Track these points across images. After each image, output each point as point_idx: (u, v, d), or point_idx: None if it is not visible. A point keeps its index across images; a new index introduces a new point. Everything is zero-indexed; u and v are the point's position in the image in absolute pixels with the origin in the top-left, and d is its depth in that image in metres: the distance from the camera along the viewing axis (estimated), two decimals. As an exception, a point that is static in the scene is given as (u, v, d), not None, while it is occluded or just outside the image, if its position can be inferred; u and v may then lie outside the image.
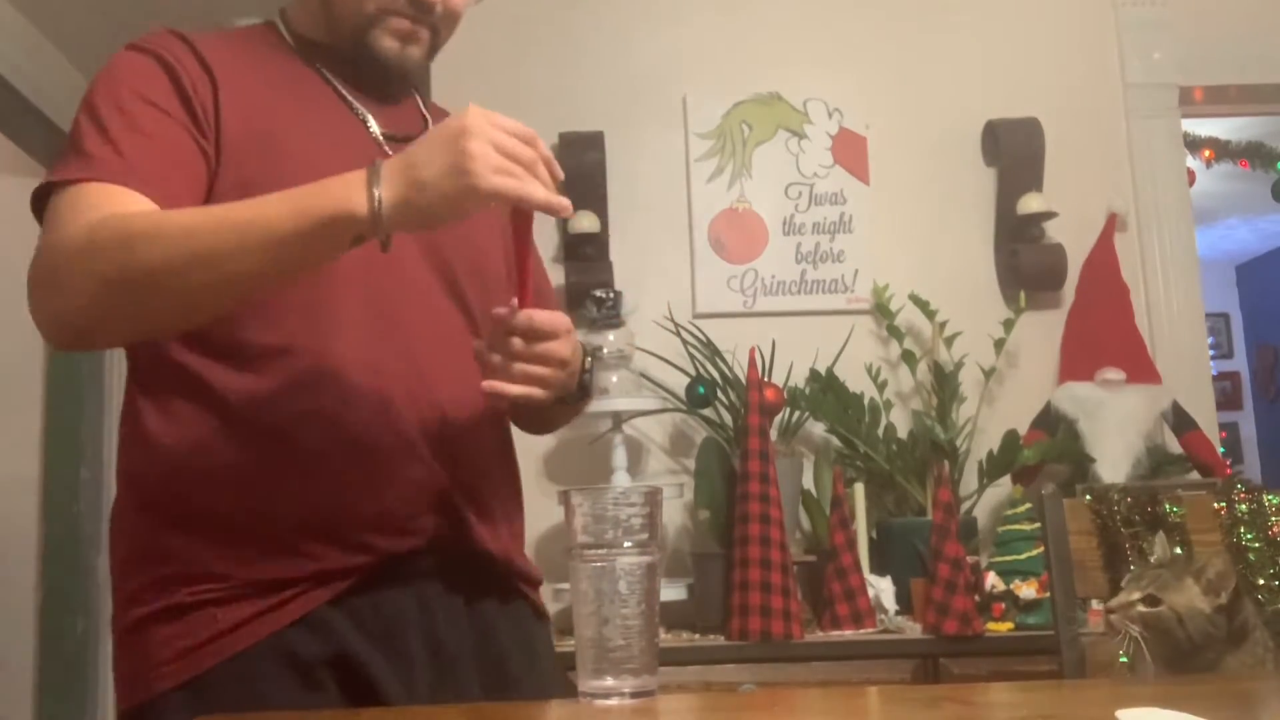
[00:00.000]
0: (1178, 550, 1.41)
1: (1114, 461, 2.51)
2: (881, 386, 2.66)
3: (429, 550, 1.12)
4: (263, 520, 1.07)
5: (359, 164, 0.99)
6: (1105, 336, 2.71)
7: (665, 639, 2.22)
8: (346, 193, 0.96)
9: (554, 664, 1.25)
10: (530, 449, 2.48)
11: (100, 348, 1.14)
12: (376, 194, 0.95)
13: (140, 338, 1.11)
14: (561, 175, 1.02)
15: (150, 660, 1.05)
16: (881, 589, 2.36)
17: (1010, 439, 2.52)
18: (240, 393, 1.08)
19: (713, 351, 2.57)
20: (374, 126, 1.20)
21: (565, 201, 0.99)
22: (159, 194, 1.05)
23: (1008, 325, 2.65)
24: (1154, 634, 1.19)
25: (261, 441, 1.07)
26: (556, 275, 2.69)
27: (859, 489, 2.47)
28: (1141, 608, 1.20)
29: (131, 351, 1.15)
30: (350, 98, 1.21)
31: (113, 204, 1.03)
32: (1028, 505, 2.37)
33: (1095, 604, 1.81)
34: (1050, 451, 2.56)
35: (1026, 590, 2.24)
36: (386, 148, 1.18)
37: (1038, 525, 2.23)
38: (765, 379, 2.57)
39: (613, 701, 0.92)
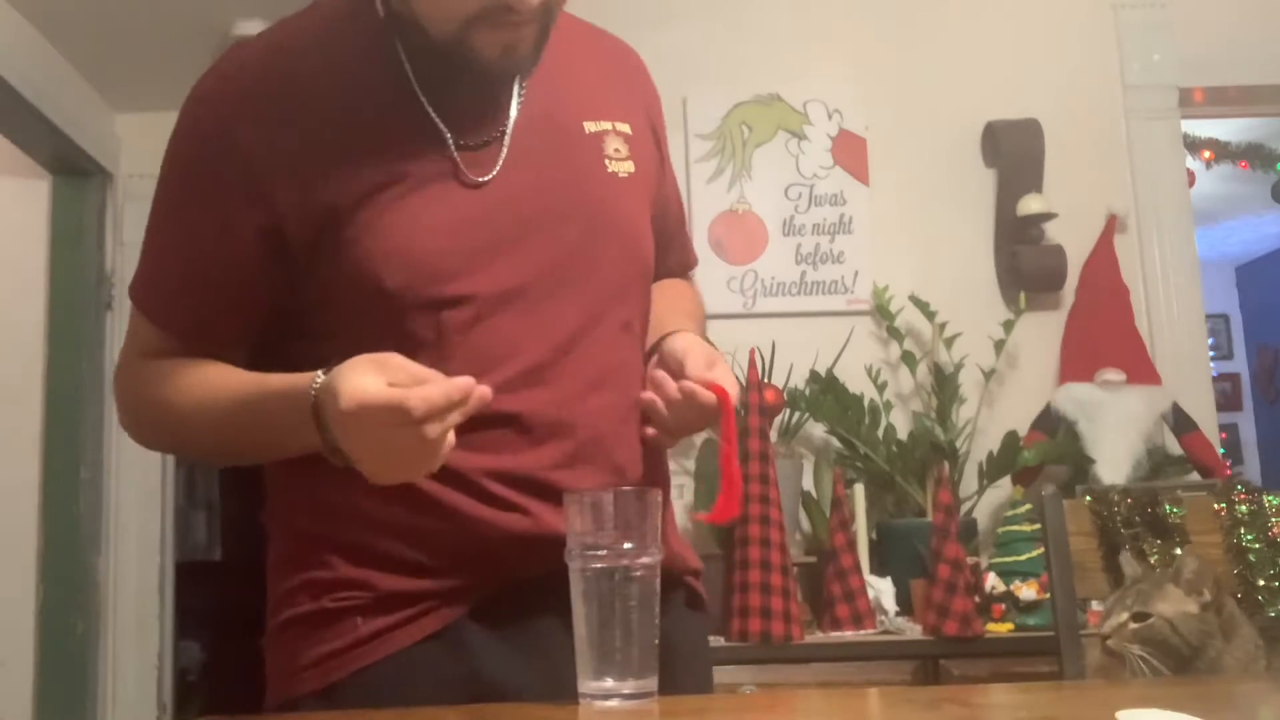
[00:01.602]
0: (1148, 560, 1.42)
1: (1114, 463, 2.51)
2: (881, 388, 2.66)
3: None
4: (404, 535, 1.05)
5: (451, 242, 1.03)
6: (1105, 337, 2.71)
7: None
8: (310, 438, 0.98)
9: (709, 656, 1.24)
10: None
11: None
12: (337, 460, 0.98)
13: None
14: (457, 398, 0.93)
15: (293, 663, 1.06)
16: (881, 590, 2.35)
17: (1010, 440, 2.52)
18: None
19: (713, 352, 2.57)
20: (450, 140, 1.07)
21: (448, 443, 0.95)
22: (191, 332, 1.10)
23: (1008, 326, 2.65)
24: (1152, 647, 1.19)
25: None
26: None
27: (859, 490, 2.47)
28: (1133, 625, 1.20)
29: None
30: (428, 102, 1.07)
31: (148, 364, 1.11)
32: (1028, 506, 2.37)
33: (1095, 605, 1.81)
34: (1050, 453, 2.56)
35: (1027, 591, 2.24)
36: (464, 170, 1.07)
37: (1038, 526, 2.23)
38: (765, 380, 2.57)
39: (612, 703, 0.92)
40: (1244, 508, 1.49)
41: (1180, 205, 2.91)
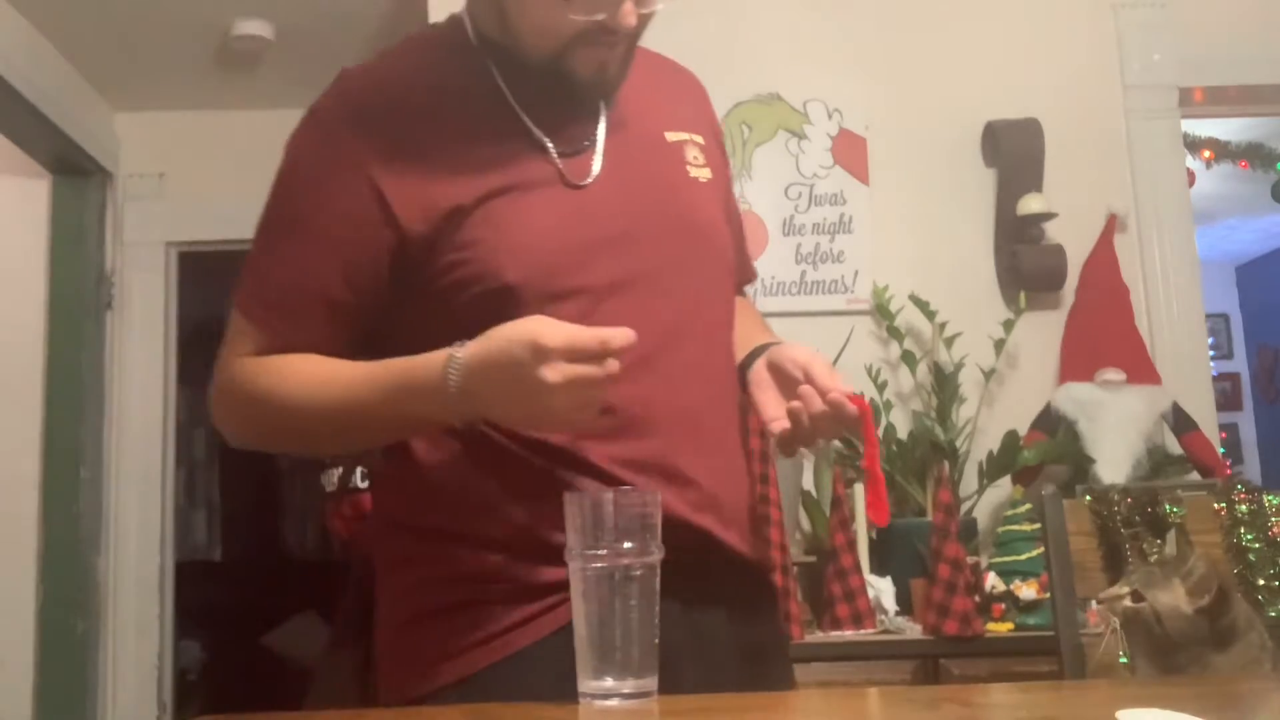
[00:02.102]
0: (1188, 544, 1.41)
1: (1114, 462, 2.51)
2: (881, 387, 2.66)
3: (690, 554, 1.08)
4: (531, 530, 1.08)
5: (566, 239, 1.09)
6: (1105, 337, 2.71)
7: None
8: (430, 408, 1.04)
9: (788, 649, 1.31)
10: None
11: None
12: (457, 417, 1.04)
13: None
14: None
15: (424, 657, 1.10)
16: (881, 590, 2.35)
17: (1010, 440, 2.52)
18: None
19: (713, 352, 2.57)
20: (551, 148, 1.15)
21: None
22: (299, 343, 1.13)
23: (1008, 326, 2.65)
24: (1131, 628, 1.20)
25: (523, 465, 1.10)
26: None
27: (859, 490, 2.47)
28: (1127, 602, 1.21)
29: None
30: (526, 117, 1.15)
31: (250, 360, 1.13)
32: (1028, 506, 2.37)
33: (1095, 604, 1.81)
34: (1050, 452, 2.56)
35: (1026, 591, 2.24)
36: (566, 174, 1.14)
37: (1038, 526, 2.22)
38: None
39: (612, 702, 0.92)
40: (1244, 507, 1.49)
41: (1180, 205, 2.91)
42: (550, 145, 1.14)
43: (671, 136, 1.23)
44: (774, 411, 1.13)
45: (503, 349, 0.98)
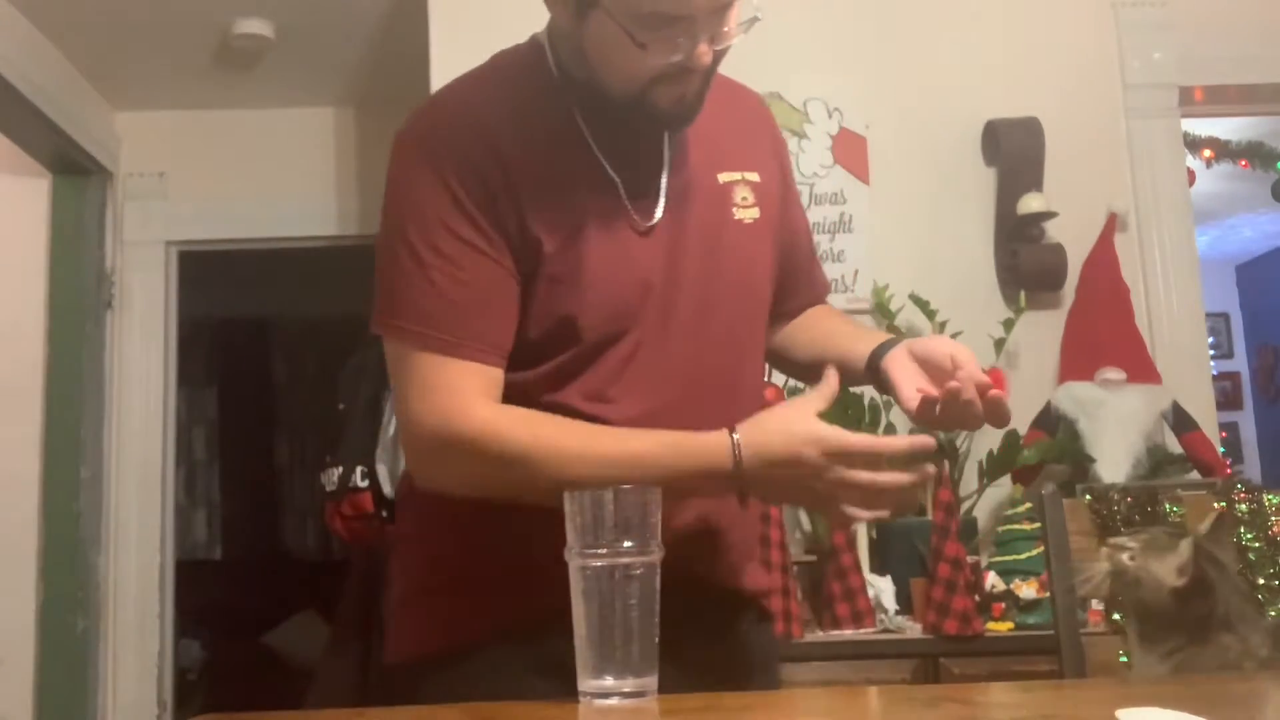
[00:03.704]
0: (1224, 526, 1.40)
1: (1114, 461, 2.51)
2: (881, 386, 2.65)
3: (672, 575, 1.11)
4: (522, 547, 1.13)
5: (631, 282, 1.17)
6: (1105, 336, 2.71)
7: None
8: (715, 471, 1.09)
9: (778, 664, 1.38)
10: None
11: None
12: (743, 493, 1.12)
13: None
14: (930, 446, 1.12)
15: (418, 627, 1.21)
16: (881, 589, 2.35)
17: (1010, 439, 2.52)
18: None
19: (713, 351, 2.57)
20: (621, 187, 1.20)
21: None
22: (494, 355, 1.15)
23: (1008, 325, 2.65)
24: (1118, 582, 1.21)
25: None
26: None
27: (859, 489, 2.47)
28: (1124, 557, 1.21)
29: None
30: (599, 153, 1.21)
31: (467, 386, 1.13)
32: (1028, 505, 2.37)
33: (1095, 604, 1.81)
34: (1050, 451, 2.56)
35: (1026, 590, 2.24)
36: (634, 218, 1.20)
37: (1038, 525, 2.22)
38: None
39: (612, 701, 0.92)
40: (1244, 506, 1.48)
41: (1180, 204, 2.90)
42: (622, 188, 1.20)
43: (724, 178, 1.27)
44: (910, 391, 1.17)
45: (787, 445, 1.08)
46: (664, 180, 1.23)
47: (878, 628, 2.30)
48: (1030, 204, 2.75)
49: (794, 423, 1.08)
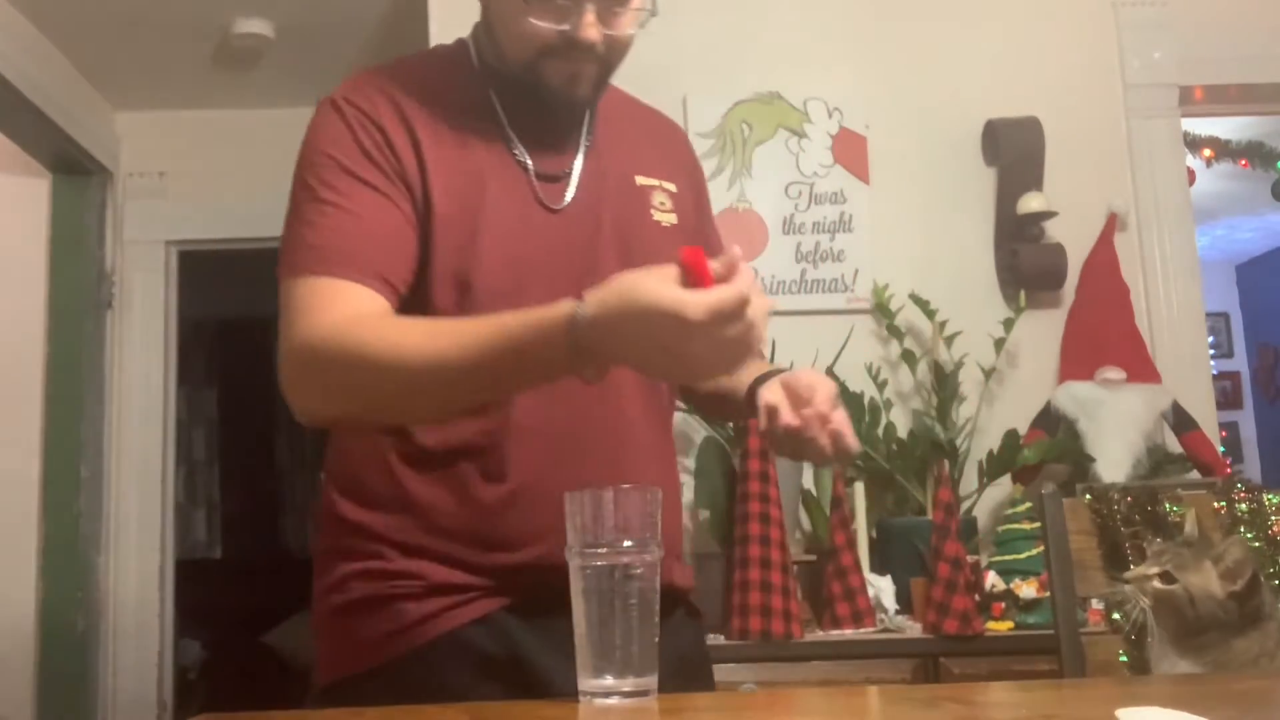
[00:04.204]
0: (1208, 527, 1.41)
1: (1114, 461, 2.51)
2: (881, 386, 2.66)
3: None
4: (449, 538, 1.16)
5: (533, 250, 1.17)
6: (1105, 336, 2.71)
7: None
8: (554, 354, 1.01)
9: (710, 661, 1.35)
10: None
11: (343, 430, 1.24)
12: (588, 373, 1.03)
13: (373, 428, 1.20)
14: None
15: (351, 643, 1.17)
16: (881, 588, 2.35)
17: (1010, 438, 2.52)
18: (435, 439, 1.17)
19: (713, 351, 2.57)
20: (532, 170, 1.23)
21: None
22: (382, 285, 1.14)
23: (1008, 325, 2.65)
24: (1163, 609, 1.21)
25: (447, 479, 1.17)
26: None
27: (859, 488, 2.47)
28: (1158, 583, 1.22)
29: None
30: (514, 135, 1.24)
31: (338, 306, 1.11)
32: (1028, 505, 2.37)
33: (1095, 603, 1.81)
34: (1050, 451, 2.56)
35: (1026, 590, 2.24)
36: (541, 196, 1.23)
37: (1038, 525, 2.22)
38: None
39: (612, 701, 0.92)
40: (1244, 506, 1.49)
41: (1180, 203, 2.90)
42: (531, 166, 1.23)
43: (642, 181, 1.31)
44: (783, 409, 1.16)
45: (640, 323, 0.96)
46: (577, 164, 1.26)
47: (878, 627, 2.30)
48: (1030, 204, 2.75)
49: (656, 293, 0.95)
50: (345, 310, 1.11)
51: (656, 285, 0.96)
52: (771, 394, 1.19)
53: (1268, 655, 1.21)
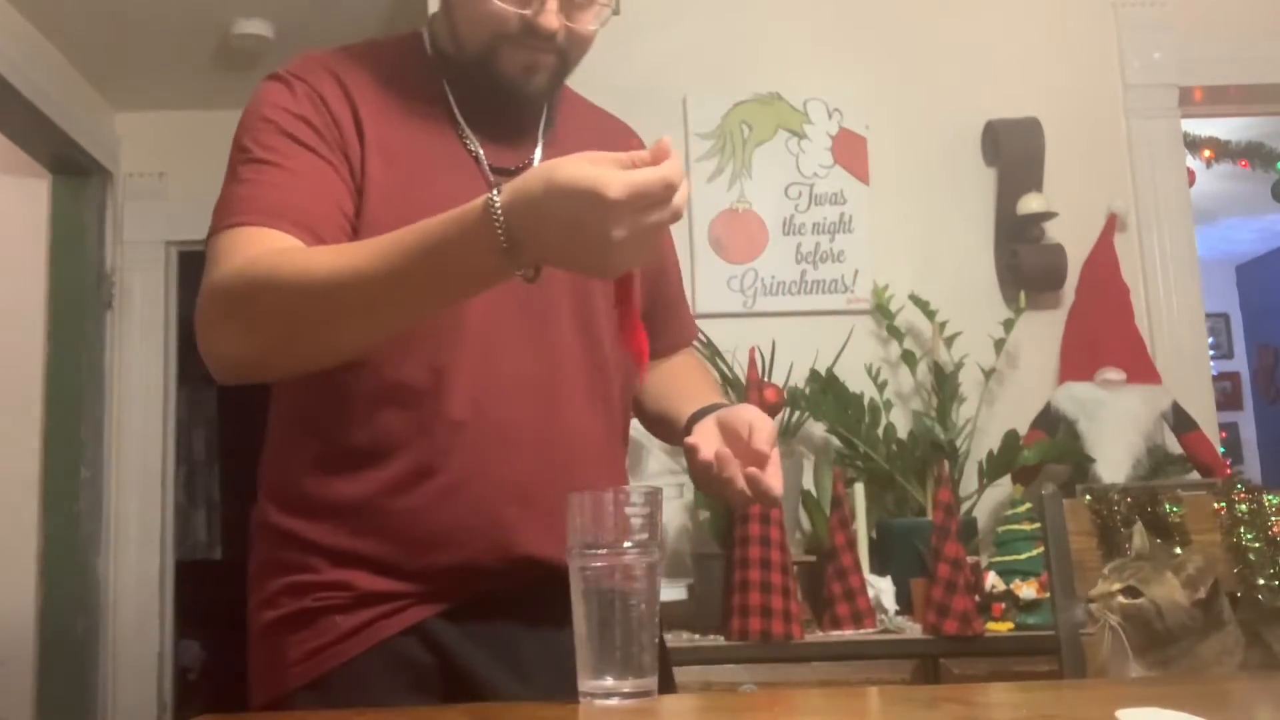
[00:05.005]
0: (1157, 541, 1.42)
1: (1114, 462, 2.51)
2: (881, 387, 2.66)
3: (540, 570, 1.12)
4: (380, 538, 1.13)
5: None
6: (1105, 336, 2.71)
7: (665, 639, 2.22)
8: (476, 246, 0.94)
9: (668, 664, 1.31)
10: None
11: (265, 381, 1.17)
12: (522, 273, 0.97)
13: (299, 374, 1.14)
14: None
15: (282, 660, 1.14)
16: (881, 589, 2.35)
17: (1010, 439, 2.52)
18: (363, 436, 1.15)
19: (713, 352, 2.57)
20: (484, 161, 1.21)
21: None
22: (309, 235, 1.09)
23: (1008, 325, 2.65)
24: (1132, 624, 1.22)
25: (378, 477, 1.14)
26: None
27: (859, 489, 2.47)
28: (1122, 599, 1.22)
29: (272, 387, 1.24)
30: (466, 126, 1.22)
31: (255, 247, 1.06)
32: (1028, 505, 2.37)
33: (1090, 606, 1.81)
34: (1050, 452, 2.56)
35: (1026, 590, 2.24)
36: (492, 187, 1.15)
37: (1038, 525, 2.23)
38: (765, 379, 2.57)
39: (612, 701, 0.92)
40: (1244, 507, 1.49)
41: (1180, 204, 2.90)
42: (483, 157, 1.21)
43: None
44: (704, 452, 1.11)
45: (559, 203, 0.89)
46: (537, 158, 1.23)
47: (878, 628, 2.30)
48: (1030, 204, 2.75)
49: (573, 173, 0.89)
50: (261, 249, 1.05)
51: (575, 164, 0.90)
52: (700, 432, 1.15)
53: (1228, 653, 1.21)
